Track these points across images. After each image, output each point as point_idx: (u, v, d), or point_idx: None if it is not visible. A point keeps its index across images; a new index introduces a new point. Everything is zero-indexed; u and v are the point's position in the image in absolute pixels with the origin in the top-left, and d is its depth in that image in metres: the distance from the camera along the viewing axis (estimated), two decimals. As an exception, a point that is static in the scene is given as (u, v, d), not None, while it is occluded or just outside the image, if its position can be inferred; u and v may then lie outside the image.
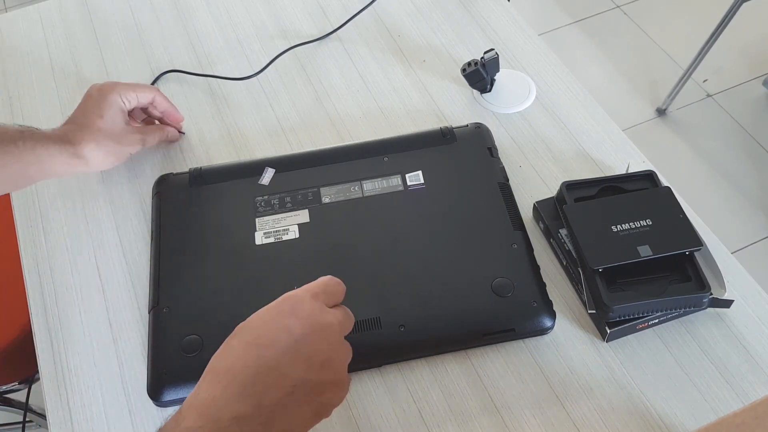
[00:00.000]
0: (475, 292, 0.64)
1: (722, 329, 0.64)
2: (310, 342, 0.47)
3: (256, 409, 0.44)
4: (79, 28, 0.97)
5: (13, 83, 0.91)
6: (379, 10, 0.95)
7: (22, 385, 1.01)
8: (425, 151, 0.75)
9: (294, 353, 0.46)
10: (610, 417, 0.60)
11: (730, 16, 1.69)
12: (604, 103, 0.84)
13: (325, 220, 0.70)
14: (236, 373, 0.45)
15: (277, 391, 0.45)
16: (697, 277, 0.62)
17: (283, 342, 0.46)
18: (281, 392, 0.45)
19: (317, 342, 0.47)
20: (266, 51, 0.92)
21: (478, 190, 0.71)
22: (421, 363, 0.64)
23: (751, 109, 1.93)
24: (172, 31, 0.95)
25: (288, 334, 0.47)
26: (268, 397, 0.45)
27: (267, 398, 0.45)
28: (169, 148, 0.82)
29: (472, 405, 0.61)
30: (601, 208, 0.67)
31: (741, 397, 0.61)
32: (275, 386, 0.45)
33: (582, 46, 2.13)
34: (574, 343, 0.65)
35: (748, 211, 1.74)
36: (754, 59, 2.03)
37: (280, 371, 0.45)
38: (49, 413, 0.64)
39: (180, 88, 0.89)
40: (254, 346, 0.46)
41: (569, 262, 0.67)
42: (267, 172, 0.74)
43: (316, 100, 0.86)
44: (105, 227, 0.76)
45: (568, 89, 0.85)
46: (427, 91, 0.86)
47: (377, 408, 0.62)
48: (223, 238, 0.69)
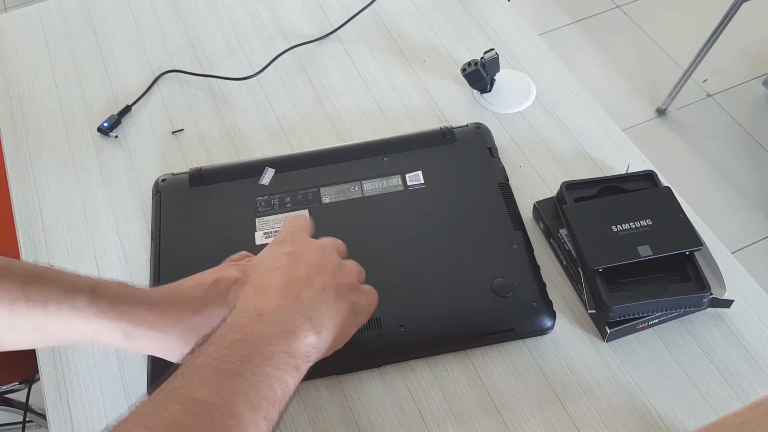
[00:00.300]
0: (475, 292, 0.64)
1: (722, 329, 0.64)
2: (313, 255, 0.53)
3: (296, 302, 0.49)
4: (79, 28, 0.97)
5: (13, 83, 0.91)
6: (379, 10, 0.95)
7: (22, 385, 1.01)
8: (425, 151, 0.75)
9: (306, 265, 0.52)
10: (610, 417, 0.60)
11: (730, 16, 1.69)
12: (604, 103, 0.84)
13: (325, 220, 0.70)
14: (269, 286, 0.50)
15: (310, 291, 0.50)
16: (697, 277, 0.62)
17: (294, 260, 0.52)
18: (314, 291, 0.50)
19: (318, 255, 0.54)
20: (266, 51, 0.92)
21: (478, 190, 0.71)
22: (421, 363, 0.64)
23: (751, 109, 1.93)
24: (172, 31, 0.95)
25: (293, 256, 0.53)
26: (305, 293, 0.50)
27: (304, 294, 0.50)
28: (169, 149, 0.82)
29: (472, 405, 0.61)
30: (601, 208, 0.67)
31: (741, 397, 0.61)
32: (306, 287, 0.50)
33: (582, 46, 2.13)
34: (574, 343, 0.64)
35: (748, 211, 1.74)
36: (754, 59, 2.03)
37: (305, 278, 0.51)
38: (49, 413, 0.64)
39: (180, 88, 0.89)
40: (273, 270, 0.52)
41: (569, 262, 0.67)
42: (267, 172, 0.74)
43: (316, 100, 0.86)
44: (105, 227, 0.76)
45: (568, 89, 0.85)
46: (427, 91, 0.86)
47: (377, 408, 0.62)
48: (223, 238, 0.69)
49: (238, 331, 0.46)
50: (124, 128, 0.85)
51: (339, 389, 0.63)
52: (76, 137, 0.84)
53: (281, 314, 0.48)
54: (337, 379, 0.63)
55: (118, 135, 0.84)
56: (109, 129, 0.83)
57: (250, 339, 0.45)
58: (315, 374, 0.63)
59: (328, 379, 0.63)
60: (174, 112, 0.86)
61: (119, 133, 0.84)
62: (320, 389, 0.63)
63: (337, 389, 0.63)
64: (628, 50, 2.11)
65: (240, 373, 0.43)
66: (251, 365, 0.44)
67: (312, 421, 0.61)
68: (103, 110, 0.86)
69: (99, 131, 0.84)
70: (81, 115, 0.86)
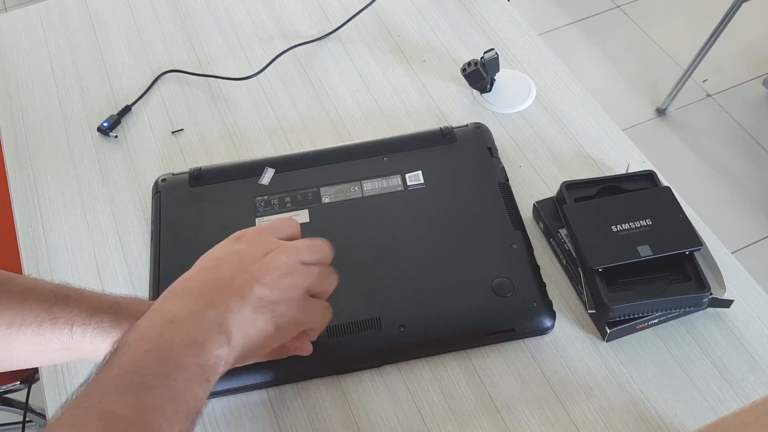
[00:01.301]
0: (474, 292, 0.64)
1: (722, 329, 0.64)
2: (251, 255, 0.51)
3: (209, 308, 0.47)
4: (79, 28, 0.97)
5: (13, 83, 0.91)
6: (379, 10, 0.95)
7: (22, 385, 1.01)
8: (425, 151, 0.75)
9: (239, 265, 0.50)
10: (610, 417, 0.60)
11: (730, 16, 1.69)
12: (604, 103, 0.84)
13: (325, 220, 0.70)
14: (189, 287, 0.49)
15: (227, 296, 0.48)
16: (697, 277, 0.62)
17: (233, 261, 0.51)
18: (231, 296, 0.48)
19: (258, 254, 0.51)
20: (266, 51, 0.92)
21: (478, 190, 0.71)
22: (421, 363, 0.64)
23: (751, 109, 1.93)
24: (172, 31, 0.95)
25: (233, 253, 0.52)
26: (220, 298, 0.48)
27: (218, 299, 0.48)
28: (169, 149, 0.82)
29: (472, 405, 0.61)
30: (600, 208, 0.67)
31: (741, 397, 0.61)
32: (225, 291, 0.49)
33: (582, 46, 2.13)
34: (574, 343, 0.64)
35: (748, 211, 1.74)
36: (753, 59, 2.03)
37: (227, 280, 0.49)
38: (49, 413, 0.64)
39: (180, 88, 0.89)
40: (206, 267, 0.51)
41: (569, 262, 0.67)
42: (267, 172, 0.74)
43: (316, 100, 0.86)
44: (105, 227, 0.76)
45: (568, 89, 0.85)
46: (427, 91, 0.86)
47: (377, 408, 0.62)
48: (223, 238, 0.69)
49: (151, 340, 0.45)
50: (124, 128, 0.85)
51: (339, 389, 0.63)
52: (76, 137, 0.84)
53: (192, 322, 0.47)
54: (337, 379, 0.63)
55: (118, 135, 0.84)
56: (109, 129, 0.83)
57: (163, 349, 0.45)
58: (315, 374, 0.63)
59: (328, 379, 0.63)
60: (174, 112, 0.86)
61: (119, 133, 0.84)
62: (320, 389, 0.63)
63: (337, 389, 0.63)
64: (628, 50, 2.11)
65: (155, 386, 0.43)
66: (165, 378, 0.44)
67: (312, 421, 0.61)
68: (103, 110, 0.86)
69: (99, 131, 0.84)
70: (81, 115, 0.86)
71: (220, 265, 0.51)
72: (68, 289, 0.53)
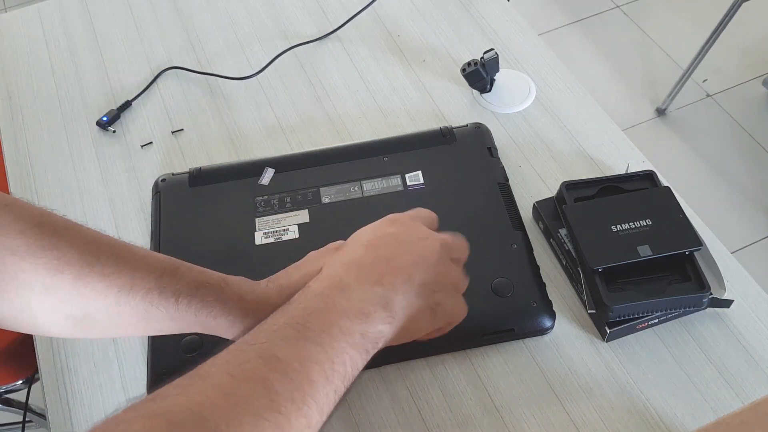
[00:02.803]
0: (474, 292, 0.64)
1: (722, 329, 0.64)
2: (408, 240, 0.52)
3: (376, 285, 0.49)
4: (79, 27, 0.97)
5: (13, 83, 0.91)
6: (378, 10, 0.95)
7: (22, 385, 1.01)
8: (425, 151, 0.75)
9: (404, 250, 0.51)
10: (610, 417, 0.60)
11: (729, 16, 1.69)
12: (604, 103, 0.84)
13: (325, 220, 0.70)
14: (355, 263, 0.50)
15: (392, 276, 0.49)
16: (696, 277, 0.62)
17: (392, 243, 0.52)
18: (396, 278, 0.50)
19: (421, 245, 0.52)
20: (266, 51, 0.92)
21: (478, 190, 0.71)
22: (421, 363, 0.64)
23: (751, 109, 1.93)
24: (172, 31, 0.95)
25: (395, 237, 0.53)
26: (387, 278, 0.49)
27: (386, 278, 0.49)
28: (169, 149, 0.82)
29: (472, 405, 0.61)
30: (600, 208, 0.67)
31: (741, 397, 0.61)
32: (392, 273, 0.50)
33: (582, 46, 2.13)
34: (574, 343, 0.65)
35: (748, 211, 1.74)
36: (753, 59, 2.03)
37: (396, 262, 0.50)
38: (49, 413, 0.64)
39: (180, 87, 0.89)
40: (368, 246, 0.52)
41: (569, 262, 0.67)
42: (267, 172, 0.74)
43: (316, 100, 0.86)
44: (105, 227, 0.76)
45: (568, 89, 0.85)
46: (427, 91, 0.86)
47: (377, 408, 0.62)
48: (223, 238, 0.69)
49: (321, 300, 0.47)
50: (125, 128, 0.85)
51: (339, 389, 0.63)
52: (76, 137, 0.84)
53: (361, 294, 0.48)
54: (337, 379, 0.63)
55: (116, 131, 0.84)
56: (107, 123, 0.83)
57: (332, 311, 0.47)
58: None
59: (328, 379, 0.63)
60: (174, 112, 0.86)
61: (119, 133, 0.84)
62: (320, 389, 0.63)
63: (337, 389, 0.63)
64: (628, 50, 2.11)
65: (319, 342, 0.44)
66: (329, 338, 0.45)
67: (312, 421, 0.61)
68: (103, 110, 0.86)
69: (98, 125, 0.84)
70: (81, 115, 0.86)
71: (380, 244, 0.52)
72: (178, 263, 0.54)
